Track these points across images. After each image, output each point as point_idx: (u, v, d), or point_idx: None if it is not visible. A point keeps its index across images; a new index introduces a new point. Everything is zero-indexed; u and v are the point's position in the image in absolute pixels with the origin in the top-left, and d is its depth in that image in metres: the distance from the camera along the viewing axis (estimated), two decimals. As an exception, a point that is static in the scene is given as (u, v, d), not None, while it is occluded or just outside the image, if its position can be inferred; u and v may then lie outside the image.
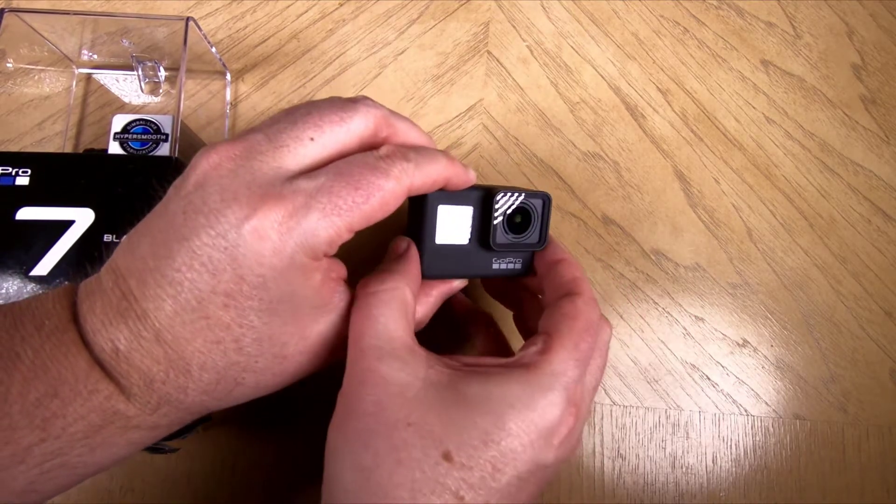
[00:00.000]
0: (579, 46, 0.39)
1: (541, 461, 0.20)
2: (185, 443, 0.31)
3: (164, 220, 0.19)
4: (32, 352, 0.18)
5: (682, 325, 0.35)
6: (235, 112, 0.37)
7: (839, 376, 0.35)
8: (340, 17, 0.39)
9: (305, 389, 0.24)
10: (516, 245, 0.26)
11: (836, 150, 0.38)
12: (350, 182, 0.19)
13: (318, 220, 0.19)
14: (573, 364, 0.22)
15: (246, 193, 0.18)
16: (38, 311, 0.19)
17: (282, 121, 0.20)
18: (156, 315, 0.18)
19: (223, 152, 0.19)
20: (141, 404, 0.19)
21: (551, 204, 0.26)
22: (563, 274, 0.25)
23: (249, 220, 0.18)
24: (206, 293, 0.18)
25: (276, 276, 0.19)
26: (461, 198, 0.25)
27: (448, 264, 0.26)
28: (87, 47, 0.35)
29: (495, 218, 0.25)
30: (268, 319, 0.19)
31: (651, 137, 0.38)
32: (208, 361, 0.19)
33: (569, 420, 0.21)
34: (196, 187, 0.19)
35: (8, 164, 0.27)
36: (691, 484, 0.33)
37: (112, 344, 0.19)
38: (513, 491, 0.20)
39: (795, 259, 0.37)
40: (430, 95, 0.38)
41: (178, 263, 0.18)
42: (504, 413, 0.20)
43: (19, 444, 0.18)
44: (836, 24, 0.40)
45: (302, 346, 0.21)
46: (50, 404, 0.18)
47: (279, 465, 0.32)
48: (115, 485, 0.31)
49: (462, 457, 0.19)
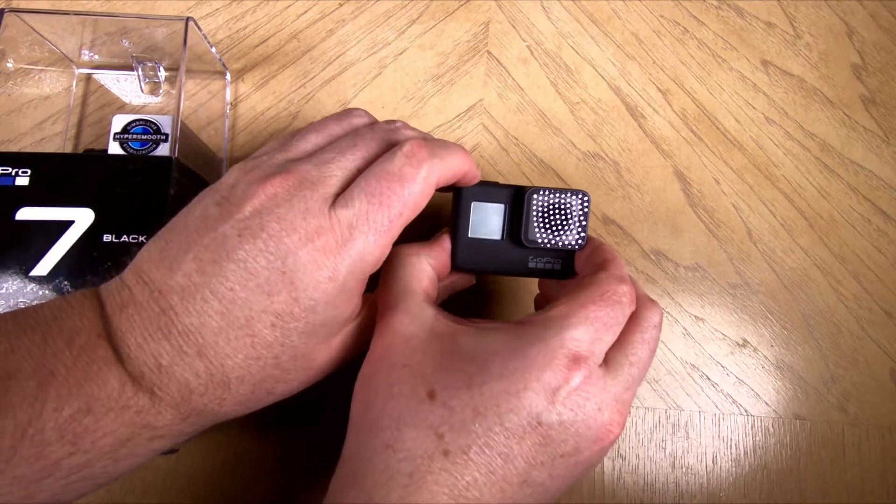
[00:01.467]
0: (579, 46, 0.39)
1: (532, 414, 0.19)
2: (185, 443, 0.31)
3: (212, 239, 0.19)
4: (65, 369, 0.18)
5: (682, 325, 0.35)
6: (235, 112, 0.37)
7: (839, 376, 0.35)
8: (340, 17, 0.39)
9: (305, 390, 0.24)
10: (551, 244, 0.25)
11: (836, 150, 0.38)
12: (383, 202, 0.20)
13: (364, 245, 0.20)
14: (576, 320, 0.20)
15: (302, 224, 0.20)
16: (65, 325, 0.19)
17: (327, 150, 0.22)
18: (200, 331, 0.19)
19: (278, 184, 0.20)
20: (172, 415, 0.20)
21: (590, 202, 0.25)
22: (594, 259, 0.25)
23: (306, 249, 0.19)
24: (256, 312, 0.19)
25: (327, 300, 0.20)
26: (495, 195, 0.26)
27: (481, 258, 0.26)
28: (87, 47, 0.35)
29: (527, 214, 0.25)
30: (307, 340, 0.21)
31: (651, 137, 0.38)
32: (247, 376, 0.20)
33: (571, 378, 0.20)
34: (253, 214, 0.20)
35: (8, 164, 0.27)
36: (691, 484, 0.33)
37: (155, 360, 0.19)
38: (499, 440, 0.19)
39: (795, 259, 0.37)
40: (430, 95, 0.38)
41: (230, 282, 0.19)
42: (488, 359, 0.20)
43: (49, 459, 0.18)
44: (836, 24, 0.40)
45: (327, 356, 0.23)
46: (83, 420, 0.18)
47: (279, 465, 0.32)
48: (115, 485, 0.31)
49: (444, 396, 0.20)
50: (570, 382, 0.20)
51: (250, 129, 0.37)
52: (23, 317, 0.19)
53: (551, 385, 0.19)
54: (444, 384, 0.20)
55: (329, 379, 0.24)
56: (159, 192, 0.28)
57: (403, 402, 0.20)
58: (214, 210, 0.20)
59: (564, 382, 0.20)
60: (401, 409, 0.20)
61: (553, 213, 0.25)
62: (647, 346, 0.22)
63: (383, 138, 0.23)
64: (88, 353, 0.19)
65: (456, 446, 0.19)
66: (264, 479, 0.32)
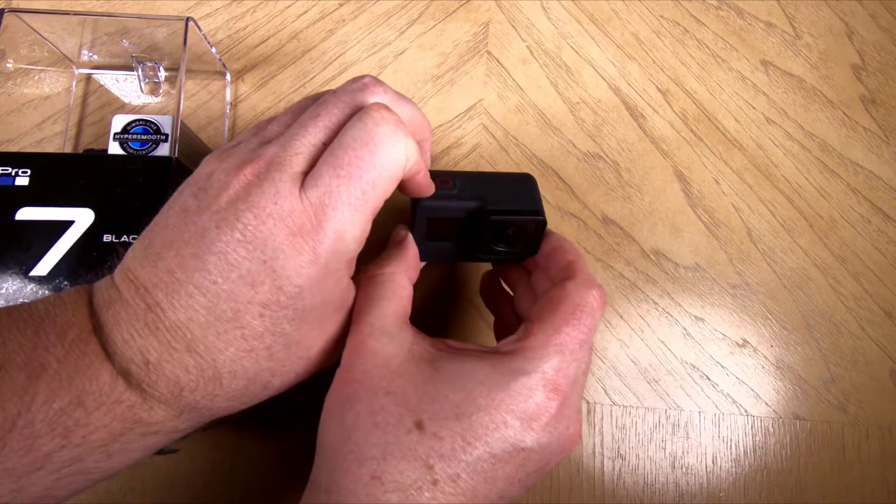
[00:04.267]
0: (579, 47, 0.39)
1: (517, 442, 0.20)
2: (185, 443, 0.31)
3: (192, 233, 0.19)
4: (57, 362, 0.18)
5: (682, 325, 0.35)
6: (235, 112, 0.37)
7: (839, 376, 0.35)
8: (340, 18, 0.39)
9: (305, 390, 0.24)
10: (504, 256, 0.26)
11: (835, 151, 0.38)
12: (352, 173, 0.19)
13: (340, 223, 0.19)
14: (552, 350, 0.21)
15: (275, 210, 0.19)
16: (58, 320, 0.19)
17: (293, 127, 0.21)
18: (188, 326, 0.19)
19: (249, 172, 0.20)
20: (164, 412, 0.20)
21: (545, 228, 0.26)
22: (558, 260, 0.25)
23: (283, 235, 0.19)
24: (242, 304, 0.19)
25: (313, 285, 0.20)
26: (451, 210, 0.26)
27: (438, 254, 0.27)
28: (87, 47, 0.35)
29: (482, 235, 0.26)
30: (298, 326, 0.20)
31: (651, 138, 0.38)
32: (239, 370, 0.20)
33: (550, 406, 0.21)
34: (229, 204, 0.19)
35: (8, 164, 0.27)
36: (691, 484, 0.33)
37: (142, 356, 0.19)
38: (486, 467, 0.20)
39: (795, 259, 0.37)
40: (430, 96, 0.38)
41: (213, 276, 0.19)
42: (473, 389, 0.20)
43: (39, 452, 0.18)
44: (835, 25, 0.40)
45: (323, 346, 0.22)
46: (73, 413, 0.18)
47: (279, 465, 0.32)
48: (115, 485, 0.31)
49: (433, 427, 0.20)
50: (549, 411, 0.21)
51: (250, 129, 0.37)
52: (17, 311, 0.19)
53: (533, 415, 0.20)
54: (432, 414, 0.20)
55: (329, 378, 0.24)
56: (159, 193, 0.28)
57: (390, 432, 0.20)
58: (192, 202, 0.20)
59: (545, 411, 0.21)
60: (387, 439, 0.20)
61: (509, 233, 0.26)
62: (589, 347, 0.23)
63: (348, 103, 0.21)
64: (80, 347, 0.19)
65: (445, 475, 0.19)
66: (264, 479, 0.32)
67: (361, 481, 0.19)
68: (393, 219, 0.31)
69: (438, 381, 0.21)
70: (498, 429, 0.20)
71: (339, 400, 0.21)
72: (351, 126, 0.20)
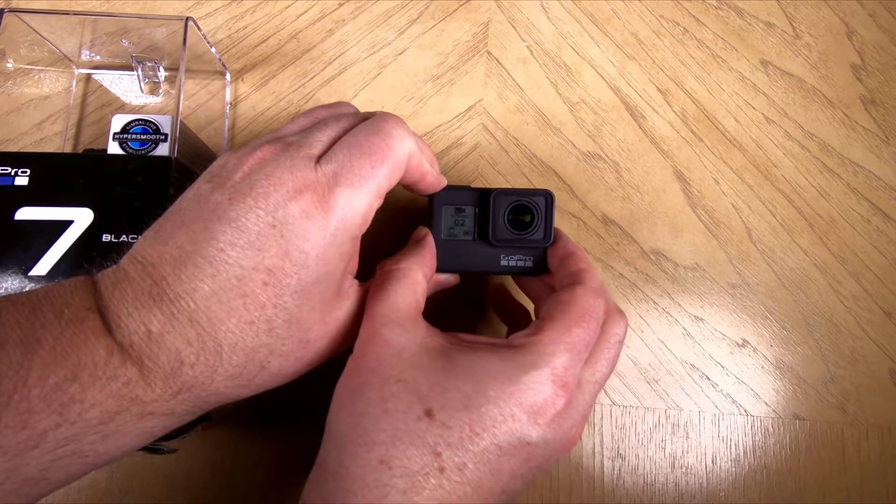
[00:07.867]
0: (579, 46, 0.39)
1: (523, 436, 0.20)
2: (184, 443, 0.31)
3: (205, 209, 0.20)
4: (52, 338, 0.18)
5: (681, 325, 0.35)
6: (235, 112, 0.37)
7: (839, 376, 0.35)
8: (340, 17, 0.39)
9: (304, 390, 0.24)
10: (519, 241, 0.27)
11: (835, 151, 0.38)
12: (364, 151, 0.22)
13: (350, 194, 0.21)
14: (563, 348, 0.22)
15: (290, 178, 0.20)
16: (56, 300, 0.19)
17: (313, 128, 0.23)
18: (191, 296, 0.19)
19: (266, 150, 0.21)
20: (161, 389, 0.20)
21: (554, 201, 0.27)
22: (569, 267, 0.26)
23: (296, 201, 0.20)
24: (247, 270, 0.20)
25: (318, 253, 0.21)
26: (464, 198, 0.28)
27: (456, 259, 0.28)
28: (87, 47, 0.35)
29: (494, 215, 0.27)
30: (300, 301, 0.21)
31: (651, 137, 0.38)
32: (239, 342, 0.20)
33: (557, 402, 0.21)
34: (243, 178, 0.21)
35: (7, 164, 0.27)
36: (691, 484, 0.33)
37: (145, 327, 0.19)
38: (492, 458, 0.20)
39: (795, 259, 0.37)
40: (429, 95, 0.38)
41: (221, 243, 0.19)
42: (484, 381, 0.21)
43: (35, 429, 0.18)
44: (835, 25, 0.40)
45: (322, 332, 0.23)
46: (69, 388, 0.18)
47: (279, 465, 0.32)
48: (115, 485, 0.31)
49: (442, 416, 0.20)
50: (555, 406, 0.21)
51: (250, 129, 0.37)
52: (15, 295, 0.20)
53: (541, 409, 0.21)
54: (442, 403, 0.20)
55: (329, 378, 0.24)
56: (159, 192, 0.28)
57: (399, 419, 0.20)
58: (206, 187, 0.21)
59: (551, 406, 0.21)
60: (397, 425, 0.20)
61: (523, 213, 0.27)
62: (611, 362, 0.24)
63: (363, 117, 0.24)
64: (76, 324, 0.19)
65: (452, 463, 0.20)
66: (264, 479, 0.32)
67: (370, 465, 0.20)
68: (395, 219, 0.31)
69: (450, 372, 0.21)
70: (506, 421, 0.20)
71: (350, 387, 0.22)
72: (364, 123, 0.23)
